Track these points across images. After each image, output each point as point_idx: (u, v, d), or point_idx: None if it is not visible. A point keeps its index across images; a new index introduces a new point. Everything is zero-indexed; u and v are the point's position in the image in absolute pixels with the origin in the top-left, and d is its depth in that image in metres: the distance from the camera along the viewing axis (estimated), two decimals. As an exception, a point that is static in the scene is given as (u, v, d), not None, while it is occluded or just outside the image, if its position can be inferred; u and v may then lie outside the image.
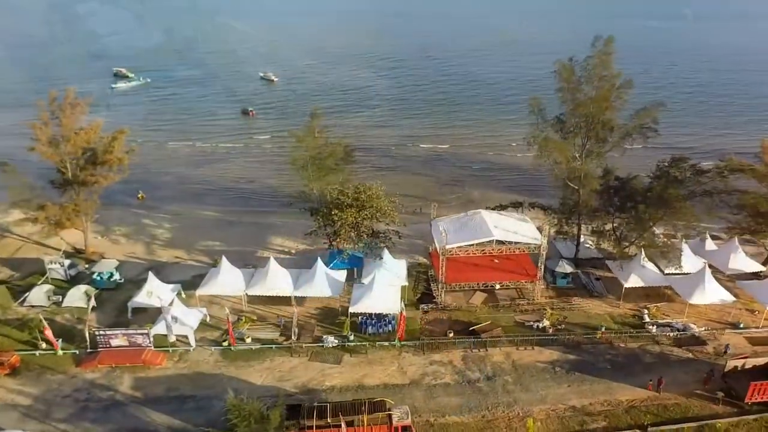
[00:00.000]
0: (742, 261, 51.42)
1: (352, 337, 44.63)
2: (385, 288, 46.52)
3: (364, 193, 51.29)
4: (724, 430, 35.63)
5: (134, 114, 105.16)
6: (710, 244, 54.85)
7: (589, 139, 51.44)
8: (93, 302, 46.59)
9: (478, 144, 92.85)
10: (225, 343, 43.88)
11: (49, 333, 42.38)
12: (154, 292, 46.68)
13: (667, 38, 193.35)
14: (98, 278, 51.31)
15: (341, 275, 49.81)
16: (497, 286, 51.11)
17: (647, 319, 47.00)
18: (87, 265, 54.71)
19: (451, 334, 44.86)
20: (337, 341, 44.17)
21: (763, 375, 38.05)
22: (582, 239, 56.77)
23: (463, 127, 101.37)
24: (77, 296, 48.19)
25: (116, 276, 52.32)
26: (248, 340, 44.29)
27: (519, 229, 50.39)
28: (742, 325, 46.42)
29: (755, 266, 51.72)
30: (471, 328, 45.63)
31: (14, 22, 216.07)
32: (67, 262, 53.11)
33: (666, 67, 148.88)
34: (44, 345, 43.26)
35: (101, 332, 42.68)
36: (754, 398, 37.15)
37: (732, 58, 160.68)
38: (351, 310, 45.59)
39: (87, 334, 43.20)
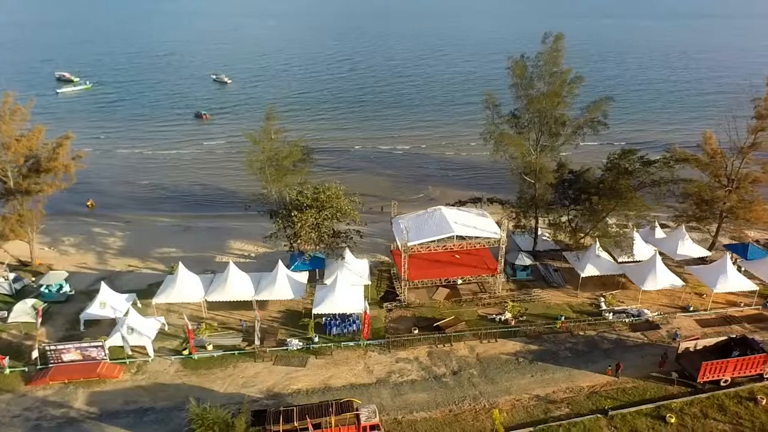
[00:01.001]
0: (689, 247, 53.92)
1: (316, 339, 44.13)
2: (348, 288, 46.30)
3: (324, 193, 50.87)
4: (680, 410, 37.07)
5: (80, 120, 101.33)
6: (659, 232, 57.28)
7: (542, 133, 52.81)
8: (40, 317, 44.45)
9: (436, 144, 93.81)
10: (185, 352, 42.59)
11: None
12: (108, 303, 45.02)
13: (618, 37, 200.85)
14: (46, 291, 48.97)
15: (303, 277, 49.23)
16: (459, 281, 51.58)
17: (604, 307, 48.44)
18: (34, 278, 52.21)
19: (416, 331, 45.00)
20: (301, 344, 43.57)
21: (714, 355, 39.84)
22: (539, 232, 58.14)
23: (422, 127, 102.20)
24: (24, 311, 45.83)
25: (66, 288, 50.04)
26: (210, 348, 43.14)
27: (478, 224, 51.02)
28: (691, 308, 48.50)
29: (701, 252, 54.42)
30: (435, 324, 45.91)
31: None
32: (11, 275, 50.64)
33: (616, 65, 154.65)
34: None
35: (52, 347, 40.71)
36: (706, 377, 38.76)
37: (678, 57, 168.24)
38: (315, 311, 45.11)
39: (36, 350, 41.10)
